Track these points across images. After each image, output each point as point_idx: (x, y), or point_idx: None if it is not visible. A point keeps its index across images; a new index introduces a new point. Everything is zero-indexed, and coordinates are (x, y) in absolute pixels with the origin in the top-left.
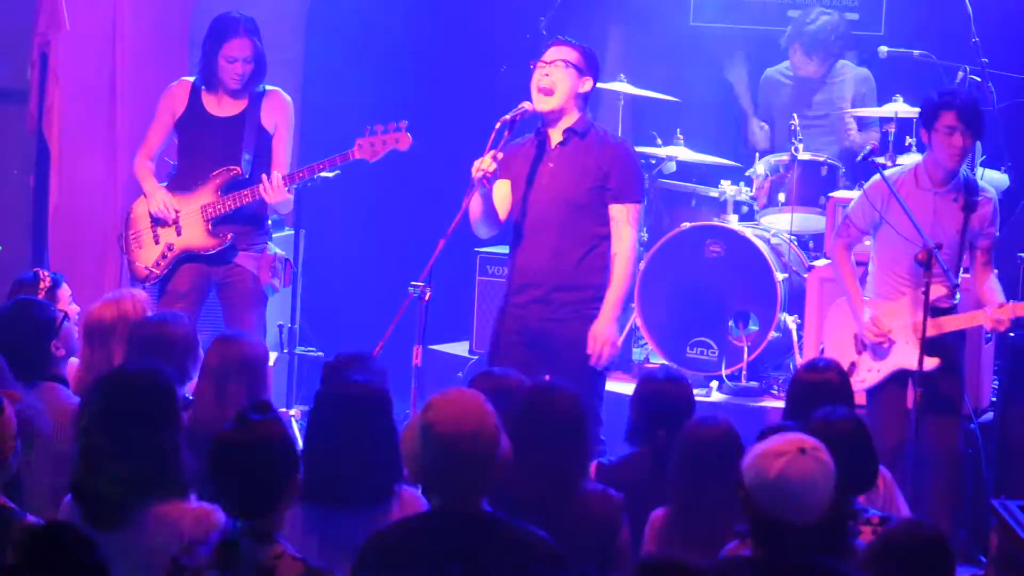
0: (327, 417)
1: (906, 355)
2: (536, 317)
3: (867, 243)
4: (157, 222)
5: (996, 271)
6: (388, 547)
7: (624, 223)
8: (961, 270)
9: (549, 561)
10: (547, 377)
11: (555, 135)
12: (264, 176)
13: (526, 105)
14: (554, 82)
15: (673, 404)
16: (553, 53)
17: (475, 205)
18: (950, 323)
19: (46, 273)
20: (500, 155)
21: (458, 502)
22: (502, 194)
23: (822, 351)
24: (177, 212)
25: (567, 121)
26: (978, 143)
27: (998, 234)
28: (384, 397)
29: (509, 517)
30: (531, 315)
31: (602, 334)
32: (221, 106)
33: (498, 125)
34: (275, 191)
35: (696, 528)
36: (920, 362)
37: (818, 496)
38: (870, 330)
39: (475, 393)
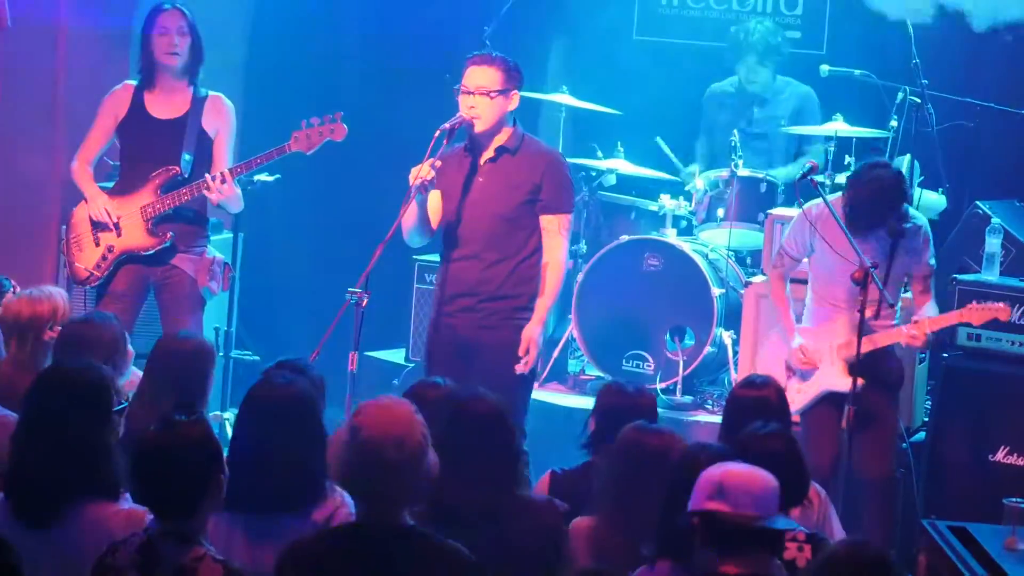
0: (251, 420)
1: (830, 376)
2: (466, 325)
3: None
4: (97, 226)
5: (932, 298)
6: (304, 557)
7: (556, 233)
8: (900, 295)
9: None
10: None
11: (487, 151)
12: (208, 176)
13: (465, 113)
14: (479, 113)
15: (641, 418)
16: (473, 80)
17: (409, 213)
18: (868, 342)
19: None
20: (438, 163)
21: (379, 510)
22: (434, 203)
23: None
24: (119, 217)
25: (499, 139)
26: (916, 163)
27: (933, 263)
28: (307, 399)
29: (431, 531)
30: (461, 323)
31: (527, 333)
32: (163, 108)
33: (437, 133)
34: (226, 187)
35: (620, 538)
36: (853, 382)
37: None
38: (797, 356)
39: (406, 402)
